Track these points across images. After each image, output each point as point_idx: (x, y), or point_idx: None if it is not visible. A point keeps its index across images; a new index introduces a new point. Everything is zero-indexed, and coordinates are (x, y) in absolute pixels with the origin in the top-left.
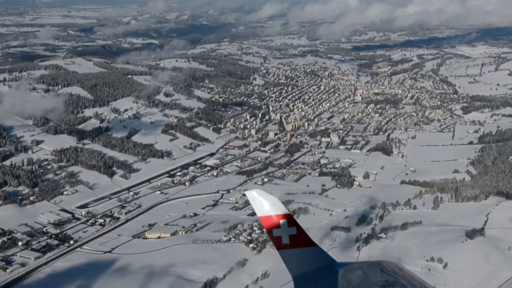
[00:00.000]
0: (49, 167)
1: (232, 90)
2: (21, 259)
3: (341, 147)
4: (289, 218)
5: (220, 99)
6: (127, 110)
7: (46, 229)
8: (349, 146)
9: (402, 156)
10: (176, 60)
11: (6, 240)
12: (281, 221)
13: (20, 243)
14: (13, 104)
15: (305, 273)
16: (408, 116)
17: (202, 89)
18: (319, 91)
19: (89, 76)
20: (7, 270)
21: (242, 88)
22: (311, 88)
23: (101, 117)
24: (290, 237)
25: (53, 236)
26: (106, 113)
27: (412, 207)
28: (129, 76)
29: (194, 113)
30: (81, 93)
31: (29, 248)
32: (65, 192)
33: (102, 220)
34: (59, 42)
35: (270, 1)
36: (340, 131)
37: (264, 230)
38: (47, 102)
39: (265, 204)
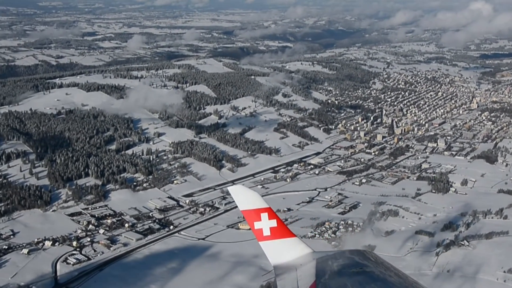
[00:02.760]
0: (165, 157)
1: (350, 93)
2: (124, 239)
3: (445, 153)
4: (269, 212)
5: (336, 101)
6: (245, 108)
7: (151, 214)
8: (454, 153)
9: (506, 165)
10: (301, 63)
11: (115, 221)
12: (262, 214)
13: (126, 225)
14: (142, 98)
15: (284, 262)
16: None
17: (320, 91)
18: (436, 97)
19: (216, 76)
20: (111, 248)
21: (360, 91)
22: (429, 94)
23: (220, 113)
24: (271, 229)
25: (156, 221)
26: (225, 110)
27: (503, 217)
28: (252, 77)
29: (307, 114)
30: (205, 91)
31: (134, 230)
32: (175, 181)
33: (203, 209)
34: (203, 43)
35: (404, 9)
36: (449, 137)
37: (349, 228)
38: (173, 98)
39: (247, 199)
